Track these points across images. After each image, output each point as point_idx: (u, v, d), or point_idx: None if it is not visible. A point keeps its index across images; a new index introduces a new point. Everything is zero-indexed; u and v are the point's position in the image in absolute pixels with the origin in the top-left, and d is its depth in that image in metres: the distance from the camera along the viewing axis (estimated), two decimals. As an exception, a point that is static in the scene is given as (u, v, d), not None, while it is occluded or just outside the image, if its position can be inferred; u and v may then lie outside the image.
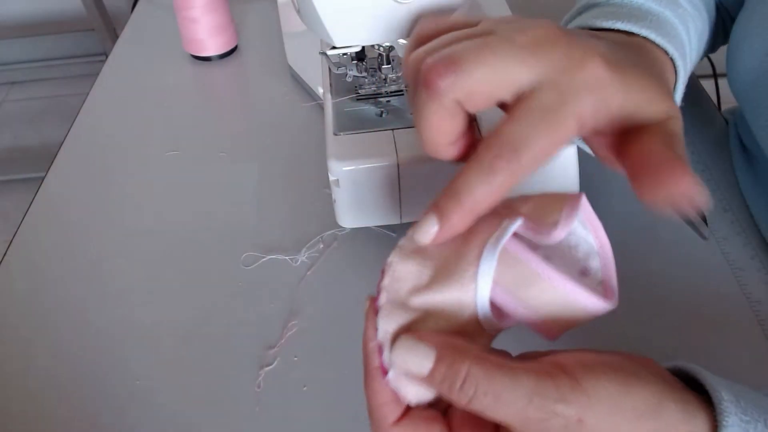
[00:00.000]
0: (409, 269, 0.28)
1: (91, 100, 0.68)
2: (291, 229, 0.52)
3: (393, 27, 0.40)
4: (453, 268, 0.27)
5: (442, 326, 0.27)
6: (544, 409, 0.25)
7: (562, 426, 0.25)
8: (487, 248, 0.26)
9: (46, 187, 0.58)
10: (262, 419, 0.41)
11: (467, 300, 0.27)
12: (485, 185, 0.27)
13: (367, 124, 0.46)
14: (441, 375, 0.26)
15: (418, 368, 0.26)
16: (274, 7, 0.79)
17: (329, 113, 0.47)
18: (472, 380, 0.25)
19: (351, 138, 0.45)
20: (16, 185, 1.75)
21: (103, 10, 1.70)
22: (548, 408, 0.25)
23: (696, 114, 0.61)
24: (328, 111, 0.47)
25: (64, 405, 0.43)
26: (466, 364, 0.25)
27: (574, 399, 0.25)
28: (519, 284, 0.27)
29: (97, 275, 0.50)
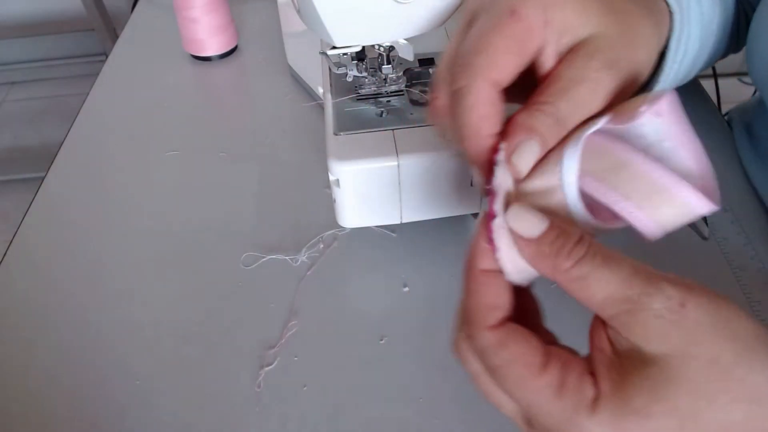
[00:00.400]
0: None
1: (91, 100, 0.68)
2: (291, 229, 0.52)
3: (393, 27, 0.40)
4: (544, 166, 0.27)
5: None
6: (648, 284, 0.24)
7: (661, 309, 0.23)
8: (572, 141, 0.26)
9: (46, 187, 0.59)
10: (262, 419, 0.41)
11: (555, 185, 0.26)
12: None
13: (368, 124, 0.46)
14: (551, 239, 0.25)
15: (531, 230, 0.26)
16: (274, 7, 0.79)
17: (329, 113, 0.47)
18: (580, 248, 0.25)
19: (351, 138, 0.45)
20: (16, 185, 1.75)
21: (103, 10, 1.69)
22: (652, 284, 0.24)
23: (696, 114, 0.61)
24: (329, 111, 0.47)
25: (64, 405, 0.43)
26: (576, 234, 0.25)
27: (679, 282, 0.24)
28: (608, 171, 0.26)
29: (97, 275, 0.50)
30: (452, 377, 0.42)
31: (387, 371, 0.43)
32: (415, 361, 0.43)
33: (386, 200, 0.45)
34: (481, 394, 0.28)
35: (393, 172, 0.43)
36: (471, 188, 0.45)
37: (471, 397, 0.41)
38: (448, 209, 0.47)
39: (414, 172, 0.43)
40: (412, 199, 0.45)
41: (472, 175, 0.44)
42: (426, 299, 0.47)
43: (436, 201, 0.46)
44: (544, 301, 0.47)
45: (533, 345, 0.26)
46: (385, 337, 0.45)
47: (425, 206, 0.46)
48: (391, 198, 0.45)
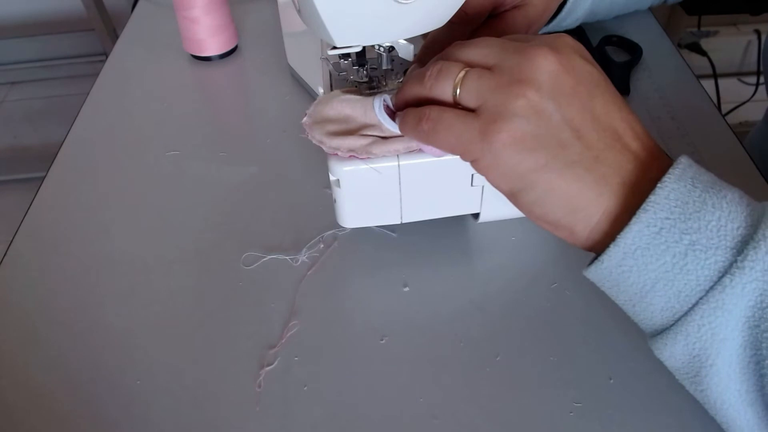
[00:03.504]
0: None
1: (91, 100, 0.68)
2: (291, 229, 0.52)
3: (393, 27, 0.40)
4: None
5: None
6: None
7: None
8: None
9: (46, 187, 0.58)
10: (263, 419, 0.41)
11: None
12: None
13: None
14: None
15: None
16: (274, 7, 0.79)
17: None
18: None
19: (351, 138, 0.45)
20: (16, 185, 1.75)
21: (103, 10, 1.69)
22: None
23: (696, 114, 0.61)
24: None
25: (64, 405, 0.43)
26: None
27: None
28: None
29: (97, 275, 0.50)
30: (452, 377, 0.42)
31: (387, 371, 0.43)
32: (415, 361, 0.43)
33: (386, 200, 0.45)
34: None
35: (393, 172, 0.43)
36: (471, 188, 0.45)
37: (471, 397, 0.41)
38: (448, 209, 0.47)
39: (414, 172, 0.43)
40: (412, 199, 0.45)
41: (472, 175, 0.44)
42: (426, 299, 0.47)
43: (436, 201, 0.46)
44: (544, 303, 0.47)
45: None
46: (385, 337, 0.45)
47: (425, 206, 0.46)
48: (391, 198, 0.45)
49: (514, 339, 0.44)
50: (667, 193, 0.30)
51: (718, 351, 0.30)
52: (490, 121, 0.32)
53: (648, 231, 0.30)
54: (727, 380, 0.31)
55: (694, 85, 0.64)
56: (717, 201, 0.30)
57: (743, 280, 0.28)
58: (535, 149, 0.32)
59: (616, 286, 0.32)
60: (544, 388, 0.42)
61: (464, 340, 0.44)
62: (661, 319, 0.31)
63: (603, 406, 0.40)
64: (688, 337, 0.30)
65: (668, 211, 0.30)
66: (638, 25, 0.72)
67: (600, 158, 0.32)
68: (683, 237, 0.29)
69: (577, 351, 0.43)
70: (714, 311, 0.29)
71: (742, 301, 0.29)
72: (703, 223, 0.29)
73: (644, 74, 0.66)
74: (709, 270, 0.29)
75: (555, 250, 0.50)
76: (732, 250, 0.29)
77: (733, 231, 0.29)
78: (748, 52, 1.72)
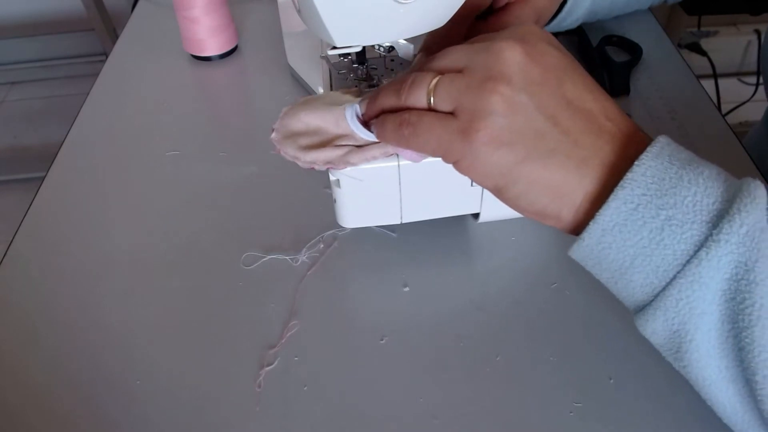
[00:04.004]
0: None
1: (91, 100, 0.68)
2: (291, 229, 0.52)
3: (393, 27, 0.40)
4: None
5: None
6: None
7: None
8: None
9: (46, 187, 0.58)
10: (263, 419, 0.41)
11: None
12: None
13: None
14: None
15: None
16: (274, 7, 0.79)
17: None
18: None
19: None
20: (16, 185, 1.75)
21: (103, 10, 1.69)
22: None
23: (696, 114, 0.61)
24: (329, 111, 0.47)
25: (64, 405, 0.43)
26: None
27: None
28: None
29: (97, 275, 0.50)
30: (452, 377, 0.42)
31: (387, 371, 0.43)
32: (415, 361, 0.43)
33: (386, 200, 0.45)
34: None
35: (393, 173, 0.43)
36: (471, 188, 0.45)
37: (471, 397, 0.41)
38: (448, 209, 0.47)
39: (414, 172, 0.43)
40: (412, 199, 0.45)
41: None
42: (426, 299, 0.47)
43: (436, 201, 0.46)
44: (544, 303, 0.47)
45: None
46: (385, 337, 0.45)
47: (425, 206, 0.46)
48: (391, 198, 0.45)
49: (514, 339, 0.44)
50: (644, 170, 0.30)
51: (696, 326, 0.31)
52: (468, 121, 0.33)
53: (625, 207, 0.30)
54: (707, 356, 0.31)
55: (694, 85, 0.64)
56: (693, 177, 0.30)
57: (719, 253, 0.29)
58: (514, 143, 0.32)
59: (598, 264, 0.33)
60: (544, 388, 0.42)
61: (464, 340, 0.44)
62: (642, 295, 0.32)
63: (603, 406, 0.40)
64: (667, 312, 0.31)
65: (645, 187, 0.30)
66: (638, 25, 0.72)
67: (578, 142, 0.32)
68: (660, 212, 0.30)
69: (577, 351, 0.43)
70: (691, 285, 0.30)
71: (718, 273, 0.29)
72: (679, 198, 0.30)
73: (644, 74, 0.66)
74: (685, 244, 0.30)
75: (555, 250, 0.50)
76: (708, 224, 0.30)
77: (708, 206, 0.30)
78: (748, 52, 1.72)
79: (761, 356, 0.29)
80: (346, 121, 0.40)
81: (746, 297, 0.29)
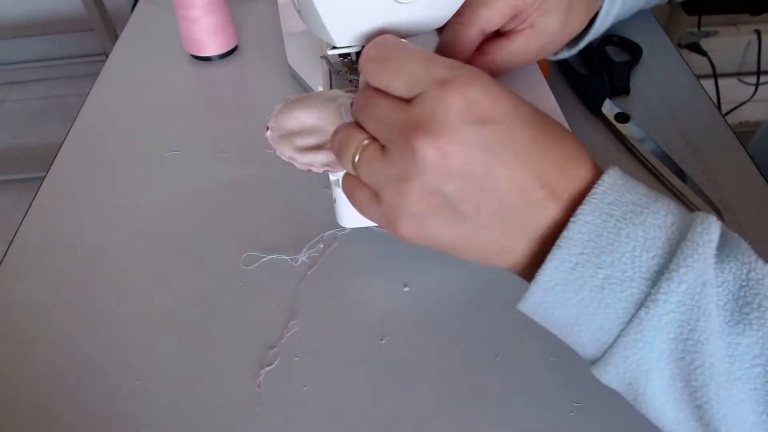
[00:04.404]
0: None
1: (91, 100, 0.68)
2: (291, 229, 0.52)
3: (393, 27, 0.40)
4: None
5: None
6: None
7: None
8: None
9: (46, 187, 0.58)
10: (263, 419, 0.41)
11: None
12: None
13: None
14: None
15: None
16: (274, 7, 0.79)
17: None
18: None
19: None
20: (16, 185, 1.75)
21: (103, 10, 1.69)
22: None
23: (696, 114, 0.61)
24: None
25: (64, 405, 0.43)
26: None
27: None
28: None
29: (97, 275, 0.50)
30: (452, 377, 0.42)
31: (387, 371, 0.43)
32: (415, 361, 0.43)
33: (386, 200, 0.45)
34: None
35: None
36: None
37: (471, 397, 0.41)
38: (448, 209, 0.47)
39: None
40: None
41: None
42: (426, 299, 0.47)
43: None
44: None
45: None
46: (385, 337, 0.45)
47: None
48: (391, 198, 0.44)
49: (514, 339, 0.44)
50: (580, 227, 0.29)
51: (646, 381, 0.30)
52: (388, 219, 0.32)
53: (563, 267, 0.29)
54: (662, 408, 0.31)
55: (694, 85, 0.64)
56: (632, 230, 0.29)
57: (658, 313, 0.28)
58: (439, 233, 0.32)
59: (544, 320, 0.33)
60: (544, 388, 0.42)
61: (464, 340, 0.44)
62: (591, 350, 0.32)
63: (603, 406, 0.40)
64: (617, 368, 0.30)
65: (581, 246, 0.29)
66: (638, 25, 0.72)
67: (507, 217, 0.31)
68: (598, 272, 0.29)
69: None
70: (635, 343, 0.29)
71: (661, 332, 0.28)
72: (617, 255, 0.29)
73: (644, 74, 0.66)
74: (625, 302, 0.29)
75: (555, 250, 0.50)
76: (647, 281, 0.28)
77: (648, 261, 0.29)
78: (748, 52, 1.72)
79: (720, 413, 0.29)
80: (342, 120, 0.40)
81: (695, 357, 0.28)
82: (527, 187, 0.30)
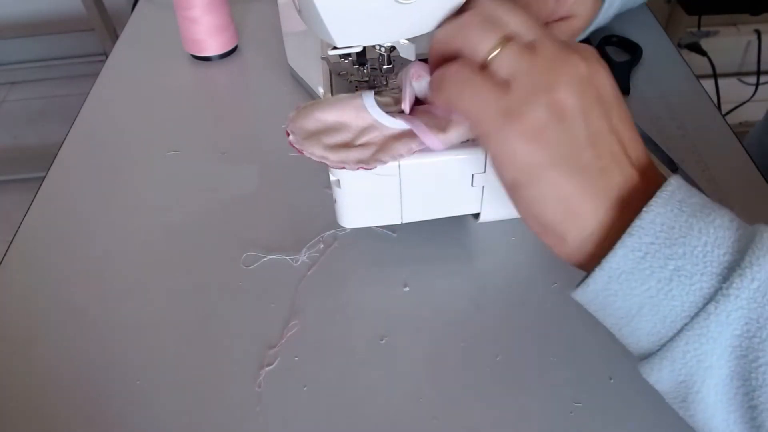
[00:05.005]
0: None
1: (91, 100, 0.68)
2: (291, 229, 0.52)
3: (394, 27, 0.40)
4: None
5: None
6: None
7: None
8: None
9: (46, 187, 0.58)
10: (263, 419, 0.41)
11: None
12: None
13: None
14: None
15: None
16: (274, 7, 0.79)
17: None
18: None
19: (351, 138, 0.44)
20: (16, 185, 1.75)
21: (103, 10, 1.69)
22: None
23: (696, 114, 0.61)
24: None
25: (64, 405, 0.43)
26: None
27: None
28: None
29: (97, 275, 0.50)
30: (452, 377, 0.42)
31: (387, 371, 0.43)
32: (415, 361, 0.43)
33: (386, 200, 0.45)
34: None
35: (393, 173, 0.43)
36: (471, 188, 0.45)
37: (471, 397, 0.41)
38: (448, 209, 0.47)
39: (414, 172, 0.43)
40: (412, 199, 0.45)
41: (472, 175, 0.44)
42: (426, 299, 0.47)
43: (436, 201, 0.46)
44: (544, 303, 0.47)
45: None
46: (385, 337, 0.45)
47: (425, 206, 0.46)
48: (391, 198, 0.45)
49: (514, 339, 0.44)
50: (653, 217, 0.30)
51: (703, 379, 0.30)
52: (519, 102, 0.31)
53: (632, 255, 0.30)
54: (714, 408, 0.30)
55: (694, 85, 0.64)
56: (704, 226, 0.29)
57: (728, 308, 0.28)
58: (550, 145, 0.31)
59: (602, 309, 0.32)
60: (544, 388, 0.42)
61: (464, 340, 0.44)
62: (647, 344, 0.31)
63: (603, 406, 0.40)
64: (674, 363, 0.30)
65: (653, 235, 0.29)
66: (638, 25, 0.72)
67: (605, 170, 0.32)
68: (668, 262, 0.29)
69: (577, 351, 0.43)
70: (699, 338, 0.29)
71: (727, 329, 0.28)
72: (688, 248, 0.29)
73: (644, 74, 0.66)
74: (694, 296, 0.29)
75: (555, 250, 0.50)
76: (718, 276, 0.29)
77: (719, 257, 0.29)
78: (748, 52, 1.72)
79: None
80: (366, 112, 0.39)
81: (759, 356, 0.28)
82: (628, 147, 0.32)
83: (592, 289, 0.31)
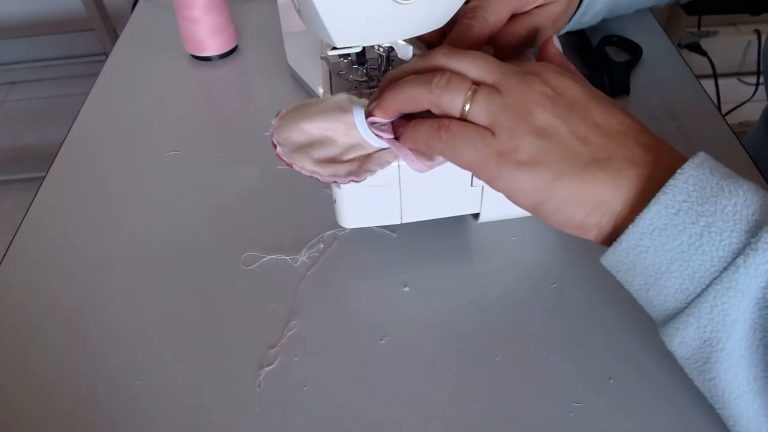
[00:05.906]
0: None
1: (91, 100, 0.68)
2: (291, 229, 0.52)
3: (393, 27, 0.40)
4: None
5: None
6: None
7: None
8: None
9: (46, 187, 0.59)
10: (263, 419, 0.41)
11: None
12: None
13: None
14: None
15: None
16: (274, 7, 0.79)
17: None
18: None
19: (351, 138, 0.44)
20: (16, 185, 1.75)
21: (103, 10, 1.69)
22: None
23: (696, 114, 0.61)
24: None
25: (64, 405, 0.43)
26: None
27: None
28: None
29: (97, 275, 0.50)
30: (452, 377, 0.42)
31: (387, 371, 0.43)
32: (415, 361, 0.43)
33: (386, 200, 0.45)
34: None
35: (393, 173, 0.43)
36: (471, 188, 0.45)
37: (471, 397, 0.41)
38: (448, 209, 0.47)
39: (414, 173, 0.43)
40: (412, 200, 0.45)
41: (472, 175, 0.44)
42: (426, 299, 0.47)
43: (436, 201, 0.46)
44: (544, 303, 0.47)
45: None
46: (385, 337, 0.45)
47: (425, 206, 0.46)
48: (391, 198, 0.45)
49: (514, 339, 0.44)
50: (686, 178, 0.32)
51: (729, 334, 0.31)
52: (507, 141, 0.34)
53: (666, 212, 0.31)
54: (737, 366, 0.32)
55: (694, 85, 0.64)
56: (734, 188, 0.31)
57: (756, 261, 0.30)
58: (549, 162, 0.34)
59: (632, 269, 0.33)
60: (544, 388, 0.42)
61: (464, 340, 0.44)
62: (674, 302, 0.32)
63: (603, 406, 0.40)
64: (700, 319, 0.31)
65: (686, 194, 0.31)
66: (638, 25, 0.72)
67: (612, 156, 0.34)
68: (699, 219, 0.31)
69: (577, 351, 0.43)
70: (727, 291, 0.30)
71: (754, 281, 0.30)
72: (719, 207, 0.31)
73: (644, 74, 0.66)
74: (723, 251, 0.30)
75: (555, 250, 0.50)
76: (746, 233, 0.30)
77: (747, 216, 0.31)
78: (748, 52, 1.72)
79: None
80: (355, 129, 0.39)
81: None
82: (624, 133, 0.34)
83: (624, 246, 0.33)
